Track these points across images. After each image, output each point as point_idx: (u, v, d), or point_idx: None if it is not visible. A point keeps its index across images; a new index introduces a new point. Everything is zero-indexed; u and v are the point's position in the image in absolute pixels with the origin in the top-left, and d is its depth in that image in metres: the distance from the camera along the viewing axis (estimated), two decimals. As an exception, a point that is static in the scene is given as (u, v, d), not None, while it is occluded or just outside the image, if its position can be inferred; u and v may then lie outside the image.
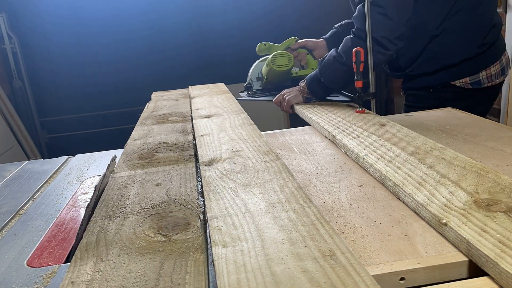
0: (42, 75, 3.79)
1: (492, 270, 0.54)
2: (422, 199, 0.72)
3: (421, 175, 0.81)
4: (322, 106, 1.47)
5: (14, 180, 1.13)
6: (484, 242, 0.58)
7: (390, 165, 0.88)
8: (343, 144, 1.07)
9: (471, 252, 0.58)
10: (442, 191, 0.74)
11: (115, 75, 3.83)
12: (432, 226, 0.68)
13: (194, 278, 0.53)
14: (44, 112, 3.86)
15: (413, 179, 0.80)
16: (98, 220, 0.70)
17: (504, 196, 0.70)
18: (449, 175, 0.80)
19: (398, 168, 0.86)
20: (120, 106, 3.81)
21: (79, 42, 3.74)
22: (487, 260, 0.55)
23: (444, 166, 0.84)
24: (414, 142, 1.00)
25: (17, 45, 3.64)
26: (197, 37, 3.89)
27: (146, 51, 3.83)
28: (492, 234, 0.59)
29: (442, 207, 0.68)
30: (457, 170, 0.81)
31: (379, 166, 0.88)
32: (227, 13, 3.85)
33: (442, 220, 0.65)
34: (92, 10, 3.69)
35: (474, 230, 0.61)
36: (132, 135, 1.24)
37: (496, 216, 0.64)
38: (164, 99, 1.78)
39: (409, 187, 0.77)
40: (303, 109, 1.45)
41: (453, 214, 0.66)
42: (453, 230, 0.62)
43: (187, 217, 0.69)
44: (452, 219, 0.64)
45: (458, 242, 0.61)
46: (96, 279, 0.54)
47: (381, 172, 0.86)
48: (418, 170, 0.84)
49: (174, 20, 3.82)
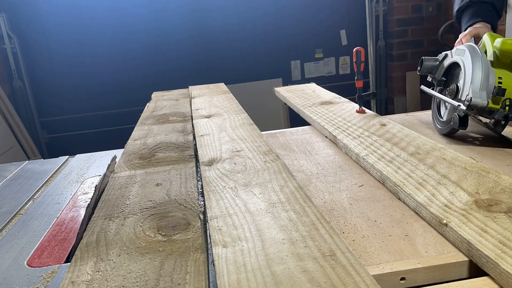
0: (42, 75, 3.79)
1: (492, 271, 0.54)
2: (422, 200, 0.72)
3: (421, 175, 0.81)
4: (322, 106, 1.47)
5: (14, 180, 1.13)
6: (485, 242, 0.58)
7: (390, 165, 0.88)
8: (343, 144, 1.07)
9: (471, 253, 0.58)
10: (443, 192, 0.74)
11: (115, 75, 3.83)
12: (432, 226, 0.68)
13: (194, 278, 0.53)
14: (44, 112, 3.86)
15: (413, 180, 0.80)
16: (98, 220, 0.70)
17: (505, 197, 0.70)
18: (449, 176, 0.80)
19: (399, 168, 0.86)
20: (120, 106, 3.81)
21: (79, 42, 3.74)
22: (488, 260, 0.55)
23: (445, 166, 0.84)
24: (414, 142, 0.99)
25: (17, 45, 3.64)
26: (197, 37, 3.89)
27: (146, 51, 3.83)
28: (492, 235, 0.59)
29: (443, 208, 0.68)
30: (458, 170, 0.81)
31: (379, 166, 0.88)
32: (227, 13, 3.85)
33: (442, 220, 0.65)
34: (93, 10, 3.69)
35: (475, 230, 0.61)
36: (132, 135, 1.24)
37: (496, 217, 0.64)
38: (164, 99, 1.78)
39: (410, 188, 0.77)
40: (303, 109, 1.45)
41: (453, 214, 0.66)
42: (453, 231, 0.62)
43: (187, 217, 0.69)
44: (453, 220, 0.64)
45: (458, 242, 0.61)
46: (96, 279, 0.54)
47: (381, 173, 0.86)
48: (419, 170, 0.84)
49: (174, 20, 3.82)
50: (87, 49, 3.77)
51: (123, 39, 3.78)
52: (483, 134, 1.11)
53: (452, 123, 1.06)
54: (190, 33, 3.87)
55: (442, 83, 1.17)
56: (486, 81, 1.00)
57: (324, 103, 1.52)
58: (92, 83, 3.83)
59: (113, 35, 3.76)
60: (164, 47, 3.85)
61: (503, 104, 0.98)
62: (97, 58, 3.79)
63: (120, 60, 3.81)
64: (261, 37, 3.93)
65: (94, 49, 3.77)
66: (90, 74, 3.82)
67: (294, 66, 4.05)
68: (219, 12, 3.86)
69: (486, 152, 0.99)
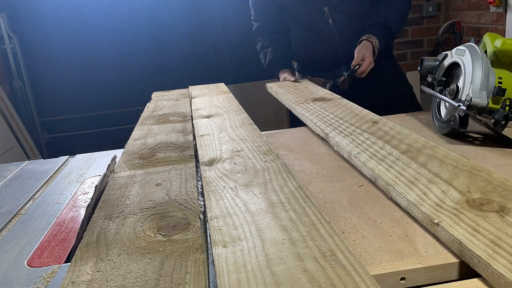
0: (42, 75, 3.79)
1: (484, 271, 0.54)
2: (414, 199, 0.72)
3: (413, 173, 0.81)
4: (315, 102, 1.45)
5: (14, 180, 1.13)
6: (476, 242, 0.57)
7: (382, 164, 0.88)
8: (335, 142, 1.07)
9: (463, 253, 0.58)
10: (434, 190, 0.73)
11: (115, 75, 3.83)
12: (424, 226, 0.68)
13: (194, 278, 0.53)
14: (44, 112, 3.86)
15: (405, 178, 0.80)
16: (98, 220, 0.70)
17: (496, 195, 0.69)
18: (441, 174, 0.79)
19: (390, 166, 0.86)
20: (120, 106, 3.81)
21: (79, 42, 3.74)
22: (479, 260, 0.54)
23: (436, 164, 0.83)
24: (406, 140, 0.99)
25: (17, 45, 3.64)
26: (197, 37, 3.89)
27: (146, 52, 3.83)
28: (484, 234, 0.59)
29: (434, 207, 0.68)
30: (449, 168, 0.81)
31: (371, 165, 0.88)
32: (227, 13, 3.85)
33: (434, 220, 0.64)
34: (93, 10, 3.69)
35: (466, 230, 0.60)
36: (132, 135, 1.24)
37: (488, 216, 0.63)
38: (165, 99, 1.78)
39: (401, 186, 0.77)
40: (296, 105, 1.45)
41: (445, 214, 0.66)
42: (445, 230, 0.62)
43: (187, 217, 0.69)
44: (444, 219, 0.64)
45: (450, 242, 0.61)
46: (96, 279, 0.54)
47: (373, 171, 0.86)
48: (410, 168, 0.83)
49: (174, 20, 3.82)
50: (87, 49, 3.77)
51: (123, 39, 3.78)
52: (483, 134, 1.11)
53: (452, 123, 1.06)
54: (191, 33, 3.87)
55: (442, 83, 1.17)
56: (486, 81, 1.00)
57: (316, 99, 1.51)
58: (92, 83, 3.83)
59: (113, 35, 3.76)
60: (164, 47, 3.85)
61: (503, 104, 0.98)
62: (97, 58, 3.79)
63: (120, 60, 3.81)
64: (261, 37, 3.93)
65: (94, 49, 3.77)
66: (90, 74, 3.81)
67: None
68: (219, 12, 3.86)
69: (486, 153, 0.99)
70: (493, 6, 3.17)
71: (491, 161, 0.93)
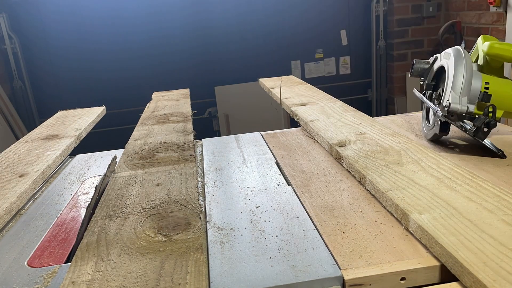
0: (43, 75, 3.79)
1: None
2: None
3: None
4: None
5: (15, 180, 1.13)
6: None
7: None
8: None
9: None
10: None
11: (116, 75, 3.83)
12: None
13: (194, 278, 0.53)
14: (44, 112, 3.86)
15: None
16: (99, 220, 0.70)
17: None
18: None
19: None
20: (121, 106, 3.81)
21: (79, 42, 3.75)
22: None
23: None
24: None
25: (17, 45, 3.64)
26: (198, 37, 3.89)
27: (146, 52, 3.84)
28: None
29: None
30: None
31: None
32: (228, 13, 3.85)
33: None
34: (93, 10, 3.70)
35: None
36: (132, 135, 1.24)
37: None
38: (165, 99, 1.78)
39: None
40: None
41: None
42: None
43: (187, 217, 0.69)
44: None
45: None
46: (97, 279, 0.54)
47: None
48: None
49: (175, 20, 3.82)
50: (87, 49, 3.77)
51: (124, 39, 3.78)
52: (468, 141, 1.09)
53: (434, 128, 1.04)
54: (191, 33, 3.87)
55: (432, 87, 1.11)
56: (468, 86, 0.96)
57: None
58: (92, 83, 3.83)
59: (113, 35, 3.76)
60: (165, 47, 3.85)
61: (486, 110, 0.93)
62: (97, 58, 3.79)
63: (121, 60, 3.81)
64: (262, 37, 3.93)
65: (94, 49, 3.77)
66: (90, 74, 3.82)
67: (295, 66, 4.04)
68: (219, 12, 3.86)
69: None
70: (493, 6, 3.17)
71: (491, 161, 0.93)
